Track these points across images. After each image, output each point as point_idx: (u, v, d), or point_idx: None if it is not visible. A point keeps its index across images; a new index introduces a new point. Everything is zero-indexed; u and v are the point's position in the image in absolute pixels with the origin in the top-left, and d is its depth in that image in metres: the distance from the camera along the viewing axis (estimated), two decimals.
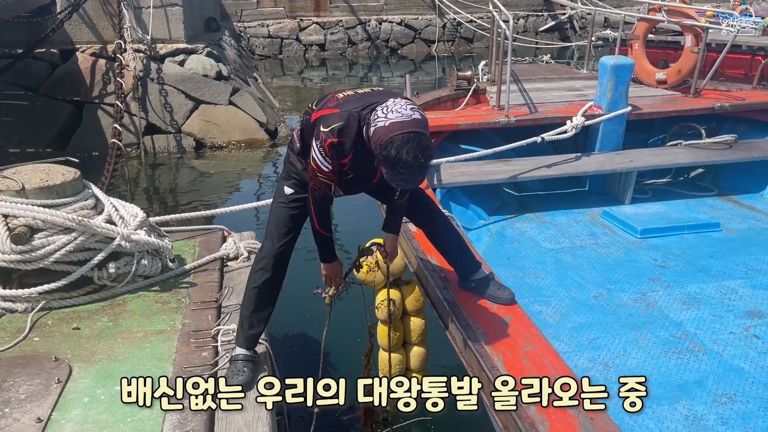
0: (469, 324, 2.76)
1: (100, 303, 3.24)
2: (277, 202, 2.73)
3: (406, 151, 2.10)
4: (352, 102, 2.36)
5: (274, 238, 2.69)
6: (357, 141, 2.31)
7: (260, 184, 9.35)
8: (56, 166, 3.33)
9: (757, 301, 3.33)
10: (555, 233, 4.40)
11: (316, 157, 2.34)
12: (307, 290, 5.17)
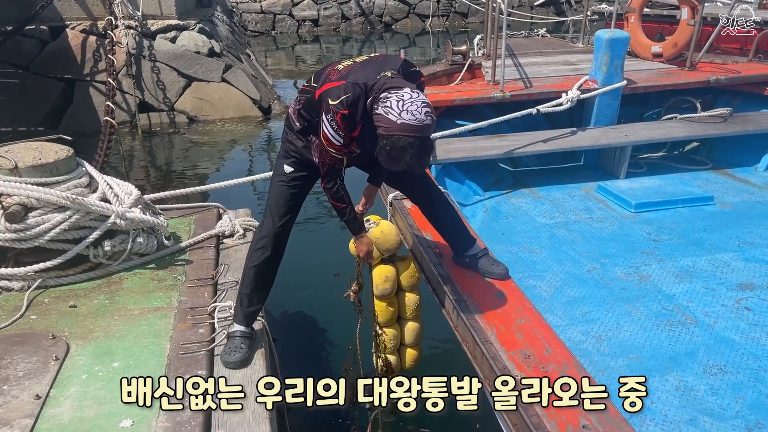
0: (463, 299, 2.78)
1: (96, 281, 3.25)
2: (276, 180, 2.72)
3: (410, 156, 2.16)
4: (355, 72, 2.35)
5: (275, 217, 2.69)
6: (365, 115, 2.30)
7: (255, 157, 9.32)
8: (49, 144, 3.31)
9: (749, 274, 3.36)
10: (550, 208, 4.41)
11: (327, 131, 2.32)
12: (304, 267, 5.23)
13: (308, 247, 5.91)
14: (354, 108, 2.27)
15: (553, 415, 2.05)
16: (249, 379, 2.51)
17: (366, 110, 2.29)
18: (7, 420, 2.22)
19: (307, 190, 2.80)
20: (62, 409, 2.30)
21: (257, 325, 2.84)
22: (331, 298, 4.96)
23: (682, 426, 2.39)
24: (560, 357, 2.34)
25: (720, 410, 2.45)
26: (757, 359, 2.71)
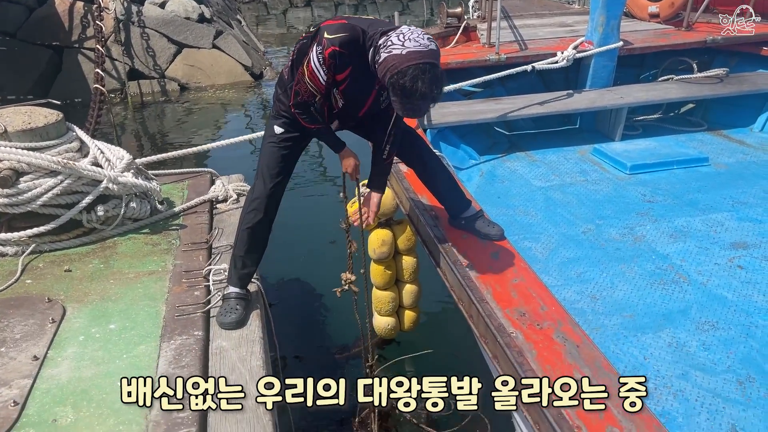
0: (459, 260, 2.78)
1: (90, 246, 3.24)
2: (267, 141, 2.70)
3: (422, 82, 2.06)
4: (360, 21, 2.30)
5: (266, 179, 2.67)
6: (358, 59, 2.25)
7: (247, 123, 9.25)
8: (38, 109, 3.27)
9: (743, 233, 3.38)
10: (545, 171, 4.40)
11: (313, 62, 2.26)
12: (298, 234, 5.22)
13: (302, 214, 5.90)
14: (347, 49, 2.21)
15: (548, 370, 2.08)
16: (245, 340, 2.52)
17: (362, 57, 2.25)
18: (6, 380, 2.23)
19: (299, 152, 2.77)
20: (60, 369, 2.31)
21: (252, 287, 2.84)
22: (325, 264, 4.99)
23: (674, 380, 2.42)
24: (555, 315, 2.36)
25: (711, 365, 2.48)
26: (748, 315, 2.74)
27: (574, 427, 1.85)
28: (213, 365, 2.35)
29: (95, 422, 2.07)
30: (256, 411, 2.10)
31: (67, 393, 2.20)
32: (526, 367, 2.10)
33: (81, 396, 2.18)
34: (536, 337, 2.24)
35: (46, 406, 2.14)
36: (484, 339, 2.43)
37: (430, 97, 2.12)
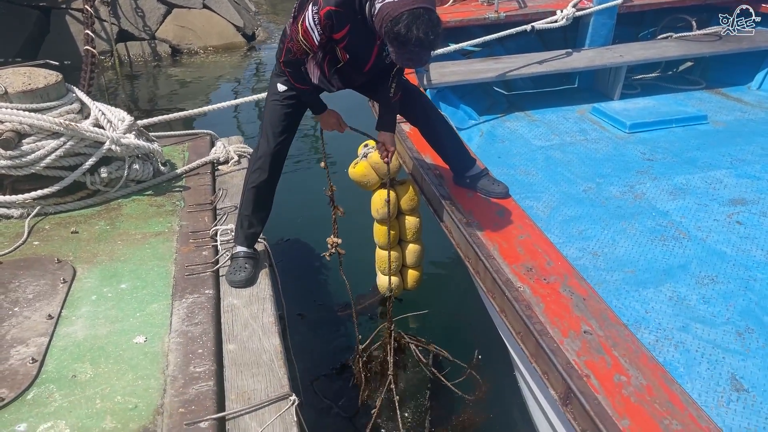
0: (465, 217, 2.82)
1: (95, 207, 3.25)
2: (270, 99, 2.69)
3: (417, 27, 2.02)
4: None
5: (270, 137, 2.67)
6: (356, 17, 2.22)
7: (242, 87, 9.16)
8: (37, 70, 3.23)
9: (741, 190, 3.42)
10: (545, 131, 4.41)
11: (308, 22, 2.23)
12: (295, 195, 5.24)
13: (300, 174, 5.91)
14: (343, 7, 2.19)
15: (556, 322, 2.13)
16: (255, 297, 2.56)
17: (361, 14, 2.22)
18: (22, 339, 2.27)
19: (302, 110, 2.77)
20: (75, 327, 2.34)
21: (259, 246, 2.88)
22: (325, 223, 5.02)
23: (675, 333, 2.48)
24: (561, 269, 2.40)
25: (711, 317, 2.54)
26: (747, 269, 2.79)
27: (583, 376, 1.91)
28: (225, 322, 2.40)
29: (114, 377, 2.12)
30: (272, 365, 2.15)
31: (84, 350, 2.24)
32: (534, 320, 2.15)
33: (98, 353, 2.22)
34: (543, 291, 2.29)
35: (64, 363, 2.18)
36: (492, 294, 2.48)
37: (427, 43, 2.07)
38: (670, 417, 1.75)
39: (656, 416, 1.75)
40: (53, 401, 2.03)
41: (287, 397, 2.00)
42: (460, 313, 3.99)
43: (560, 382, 1.96)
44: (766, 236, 3.01)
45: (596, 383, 1.88)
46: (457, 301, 4.11)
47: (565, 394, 1.93)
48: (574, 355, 1.99)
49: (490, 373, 3.65)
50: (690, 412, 1.75)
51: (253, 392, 2.04)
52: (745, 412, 2.00)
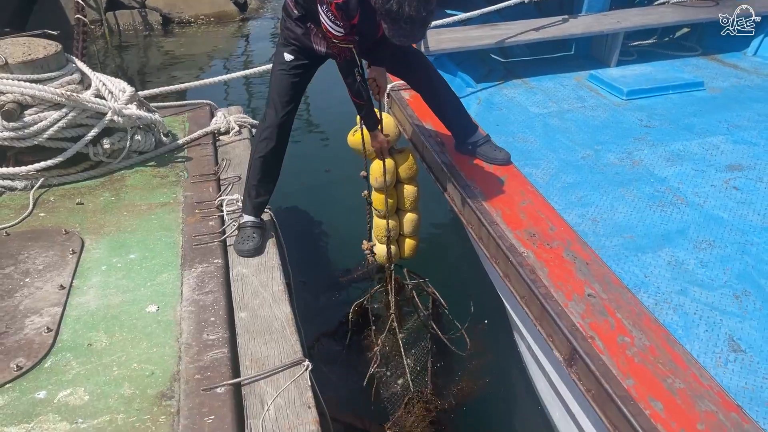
0: (468, 184, 2.85)
1: (99, 179, 3.26)
2: (277, 69, 2.69)
3: (408, 4, 2.03)
4: None
5: (277, 107, 2.68)
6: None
7: (235, 59, 9.08)
8: (36, 40, 3.21)
9: (738, 155, 3.46)
10: (542, 98, 4.42)
11: (326, 23, 2.28)
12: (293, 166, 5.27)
13: (297, 145, 5.91)
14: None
15: (560, 286, 2.19)
16: (264, 266, 2.60)
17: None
18: (36, 309, 2.31)
19: (308, 79, 2.78)
20: (88, 297, 2.38)
21: (265, 216, 2.91)
22: (322, 192, 5.06)
23: (674, 296, 2.53)
24: (564, 234, 2.45)
25: (709, 281, 2.60)
26: (744, 234, 2.85)
27: (588, 337, 1.97)
28: (236, 291, 2.44)
29: (129, 346, 2.17)
30: (284, 332, 2.20)
31: (97, 319, 2.28)
32: (539, 284, 2.21)
33: (112, 322, 2.27)
34: (547, 255, 2.34)
35: (79, 332, 2.23)
36: (495, 259, 2.53)
37: (419, 20, 2.08)
38: (673, 376, 1.82)
39: (660, 375, 1.82)
40: (71, 369, 2.08)
41: (301, 363, 2.05)
42: (457, 279, 4.05)
43: (565, 344, 2.02)
44: (763, 201, 3.06)
45: (600, 344, 1.94)
46: (452, 268, 4.17)
47: (570, 356, 2.00)
48: (579, 317, 2.06)
49: (489, 336, 3.73)
50: (692, 371, 1.82)
51: (266, 358, 2.10)
52: (742, 372, 2.07)
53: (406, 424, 2.84)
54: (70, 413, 1.91)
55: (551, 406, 3.00)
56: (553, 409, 2.98)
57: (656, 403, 1.77)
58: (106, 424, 1.87)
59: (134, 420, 1.88)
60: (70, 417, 1.90)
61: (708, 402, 1.79)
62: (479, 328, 3.76)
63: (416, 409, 2.86)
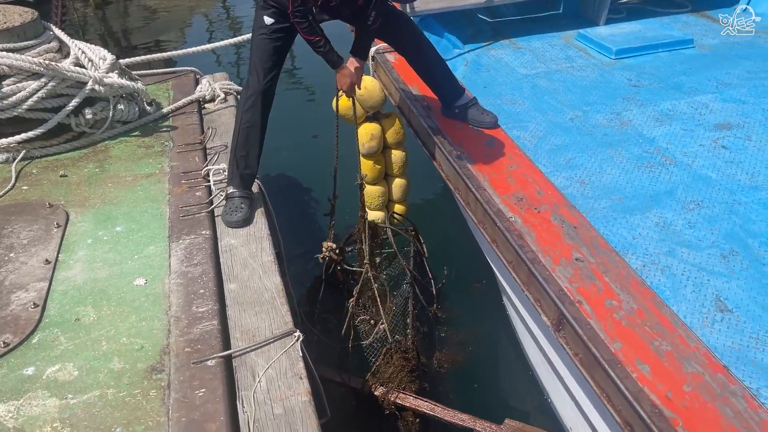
0: (454, 149, 2.83)
1: (82, 150, 3.21)
2: (257, 34, 2.63)
3: None
4: None
5: (260, 73, 2.63)
6: None
7: (219, 22, 8.89)
8: (10, 7, 3.12)
9: (726, 114, 3.45)
10: (530, 58, 4.36)
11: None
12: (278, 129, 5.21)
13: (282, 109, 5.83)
14: None
15: (547, 250, 2.19)
16: (253, 237, 2.58)
17: None
18: (21, 284, 2.29)
19: (290, 42, 2.72)
20: (74, 271, 2.36)
21: (253, 185, 2.87)
22: (310, 158, 5.01)
23: (662, 257, 2.54)
24: (552, 198, 2.45)
25: (697, 241, 2.61)
26: (732, 193, 2.85)
27: (575, 302, 1.98)
28: (224, 262, 2.43)
29: (117, 320, 2.16)
30: (274, 303, 2.20)
31: (85, 293, 2.26)
32: (526, 248, 2.21)
33: (99, 296, 2.25)
34: (534, 220, 2.34)
35: (66, 307, 2.21)
36: (482, 225, 2.52)
37: None
38: (660, 338, 1.83)
39: (647, 338, 1.84)
40: (59, 344, 2.07)
41: (291, 333, 2.06)
42: (447, 245, 4.06)
43: (553, 309, 2.03)
44: (751, 160, 3.06)
45: (588, 309, 1.96)
46: (442, 234, 4.17)
47: (557, 320, 2.01)
48: (566, 282, 2.06)
49: (478, 301, 3.76)
50: (679, 333, 1.84)
51: (257, 330, 2.09)
52: (729, 331, 2.09)
53: (385, 375, 2.83)
54: (60, 389, 1.91)
55: (540, 369, 3.04)
56: (542, 372, 3.03)
57: (643, 366, 1.79)
58: (96, 399, 1.87)
59: (124, 395, 1.88)
60: (60, 393, 1.90)
61: (695, 364, 1.82)
62: (469, 290, 3.79)
63: (395, 360, 2.85)
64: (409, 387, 2.82)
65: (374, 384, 2.81)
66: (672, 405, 1.71)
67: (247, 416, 1.80)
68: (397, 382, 2.81)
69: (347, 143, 3.30)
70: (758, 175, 2.89)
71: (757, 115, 3.37)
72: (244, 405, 1.84)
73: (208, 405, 1.82)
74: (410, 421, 2.82)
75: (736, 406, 1.72)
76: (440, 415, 2.70)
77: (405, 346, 2.92)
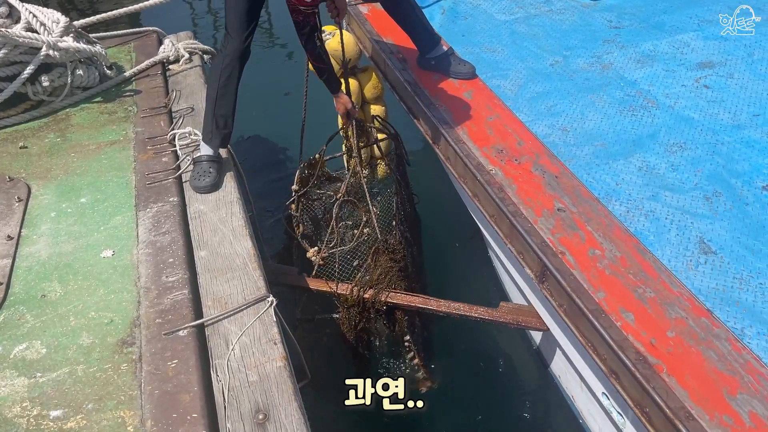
0: (432, 102, 2.73)
1: (42, 120, 3.07)
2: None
3: None
4: None
5: (235, 34, 2.51)
6: None
7: None
8: None
9: (708, 52, 3.36)
10: (508, 4, 4.21)
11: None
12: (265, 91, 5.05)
13: (254, 68, 5.66)
14: None
15: (529, 202, 2.12)
16: (222, 201, 2.49)
17: None
18: None
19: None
20: (38, 246, 2.27)
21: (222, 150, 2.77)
22: (283, 117, 4.88)
23: (645, 202, 2.49)
24: (532, 148, 2.37)
25: (680, 184, 2.55)
26: (714, 134, 2.79)
27: (558, 253, 1.92)
28: (194, 229, 2.35)
29: (85, 294, 2.08)
30: (246, 269, 2.13)
31: (50, 269, 2.18)
32: (507, 201, 2.14)
33: (65, 270, 2.17)
34: (515, 172, 2.27)
35: (31, 284, 2.13)
36: (463, 179, 2.45)
37: None
38: (644, 285, 1.79)
39: (630, 286, 1.79)
40: (25, 322, 2.00)
41: (265, 299, 1.99)
42: (432, 201, 3.99)
43: (536, 261, 1.98)
44: (733, 99, 2.99)
45: (571, 259, 1.90)
46: (428, 189, 4.09)
47: (541, 272, 1.96)
48: (549, 233, 2.00)
49: (464, 255, 3.71)
50: (662, 279, 1.79)
51: (229, 297, 2.03)
52: (713, 273, 2.05)
53: (373, 278, 2.69)
54: (28, 368, 1.85)
55: None
56: None
57: (627, 315, 1.75)
58: (65, 376, 1.81)
59: (95, 370, 1.82)
60: (28, 372, 1.84)
61: (678, 309, 1.78)
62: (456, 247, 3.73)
63: (382, 260, 2.76)
64: (399, 285, 2.67)
65: (363, 287, 2.65)
66: (656, 351, 1.67)
67: (221, 385, 1.75)
68: (386, 282, 2.65)
69: (322, 99, 3.19)
70: (740, 113, 2.83)
71: (739, 52, 3.29)
72: (218, 374, 1.78)
73: (181, 376, 1.77)
74: (401, 319, 2.71)
75: (720, 349, 1.69)
76: (434, 308, 2.54)
77: (393, 246, 2.78)
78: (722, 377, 1.63)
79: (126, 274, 2.13)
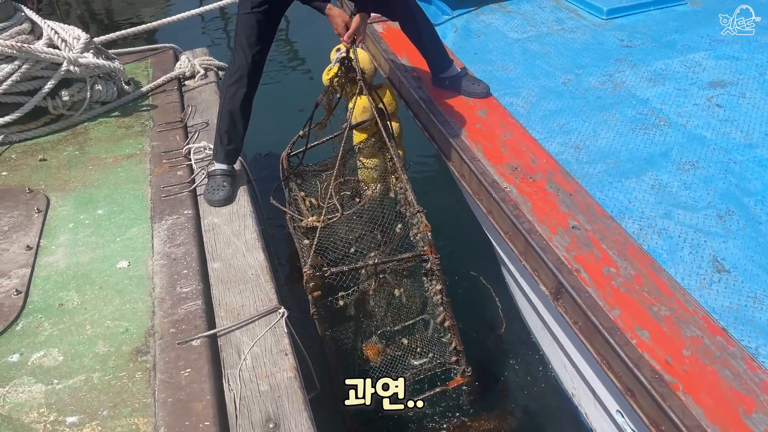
0: (447, 120, 2.75)
1: (61, 133, 3.13)
2: (242, 11, 2.52)
3: None
4: None
5: (245, 50, 2.53)
6: None
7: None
8: None
9: (720, 71, 3.37)
10: (520, 22, 4.25)
11: None
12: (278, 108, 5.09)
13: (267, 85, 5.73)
14: None
15: (544, 219, 2.13)
16: (236, 215, 2.52)
17: None
18: (3, 271, 2.23)
19: (278, 18, 2.61)
20: (56, 257, 2.30)
21: (236, 163, 2.80)
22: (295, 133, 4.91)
23: (658, 220, 2.49)
24: (546, 166, 2.38)
25: (693, 202, 2.55)
26: (727, 152, 2.79)
27: (573, 270, 1.92)
28: (208, 241, 2.37)
29: (101, 303, 2.11)
30: (258, 281, 2.15)
31: (67, 278, 2.21)
32: (522, 219, 2.15)
33: (82, 280, 2.20)
34: (530, 189, 2.28)
35: (49, 293, 2.16)
36: (478, 196, 2.46)
37: None
38: (659, 303, 1.78)
39: (645, 304, 1.79)
40: (43, 330, 2.02)
41: (276, 310, 2.01)
42: (445, 216, 4.00)
43: (551, 278, 1.98)
44: (745, 117, 2.99)
45: (586, 277, 1.90)
46: (439, 206, 4.10)
47: (556, 290, 1.96)
48: (564, 250, 2.01)
49: (476, 270, 3.71)
50: (677, 297, 1.79)
51: (241, 308, 2.04)
52: (726, 292, 2.04)
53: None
54: (45, 375, 1.87)
55: (540, 336, 3.01)
56: (542, 339, 3.00)
57: (643, 332, 1.75)
58: (81, 383, 1.83)
59: (110, 378, 1.84)
60: (45, 378, 1.86)
61: (693, 327, 1.77)
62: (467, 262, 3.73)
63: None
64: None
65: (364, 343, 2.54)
66: (672, 370, 1.67)
67: (233, 394, 1.76)
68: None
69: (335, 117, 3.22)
70: (753, 132, 2.83)
71: (750, 71, 3.30)
72: (230, 383, 1.80)
73: (194, 384, 1.78)
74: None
75: (735, 368, 1.68)
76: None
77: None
78: (738, 396, 1.62)
79: (141, 285, 2.15)
